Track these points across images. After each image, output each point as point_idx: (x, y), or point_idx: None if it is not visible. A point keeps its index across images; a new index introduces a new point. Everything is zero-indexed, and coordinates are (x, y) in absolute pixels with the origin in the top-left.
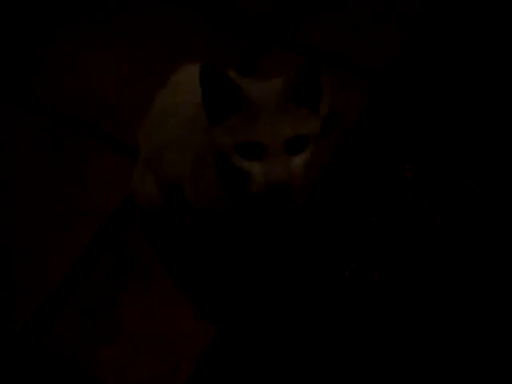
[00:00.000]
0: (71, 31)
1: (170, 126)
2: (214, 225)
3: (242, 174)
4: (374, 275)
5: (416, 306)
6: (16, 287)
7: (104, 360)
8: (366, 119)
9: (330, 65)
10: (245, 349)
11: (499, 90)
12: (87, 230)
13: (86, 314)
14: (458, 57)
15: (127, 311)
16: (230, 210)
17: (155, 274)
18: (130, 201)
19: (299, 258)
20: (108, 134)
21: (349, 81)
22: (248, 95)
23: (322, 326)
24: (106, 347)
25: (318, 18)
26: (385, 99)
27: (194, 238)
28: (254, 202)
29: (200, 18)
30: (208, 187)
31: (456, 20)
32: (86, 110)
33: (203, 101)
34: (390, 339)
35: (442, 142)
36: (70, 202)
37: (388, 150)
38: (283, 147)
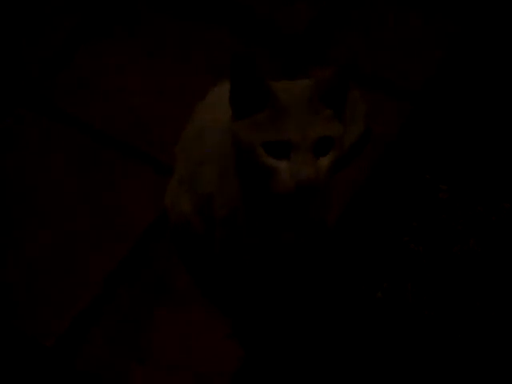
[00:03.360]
0: (108, 47)
1: (207, 142)
2: (234, 238)
3: (267, 173)
4: (406, 296)
5: (450, 329)
6: (48, 303)
7: (135, 380)
8: (401, 138)
9: (365, 85)
10: (275, 370)
11: None
12: (121, 247)
13: (118, 332)
14: (496, 76)
15: (159, 330)
16: (249, 221)
17: (187, 293)
18: (161, 220)
19: (330, 278)
20: (144, 151)
21: (384, 101)
22: (277, 93)
23: (354, 347)
24: (137, 366)
25: (353, 37)
26: (421, 119)
27: (222, 254)
28: (277, 205)
29: (235, 37)
30: (229, 196)
31: (492, 40)
32: (123, 127)
33: (230, 91)
34: (423, 361)
35: (477, 163)
36: (100, 221)
37: (423, 170)
38: (311, 147)
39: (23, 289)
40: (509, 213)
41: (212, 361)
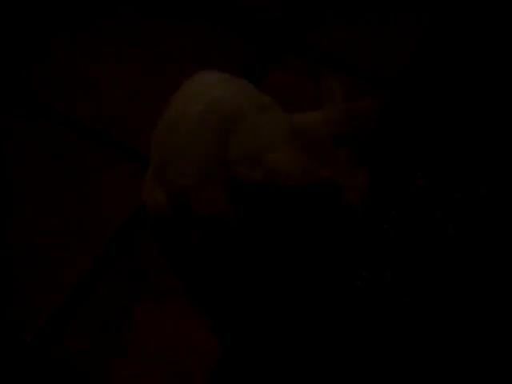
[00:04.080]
0: (86, 36)
1: (179, 135)
2: (219, 235)
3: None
4: (386, 284)
5: (429, 315)
6: (27, 298)
7: (115, 374)
8: (378, 127)
9: (344, 72)
10: (255, 361)
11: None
12: (99, 241)
13: (98, 325)
14: (472, 64)
15: (139, 323)
16: (237, 221)
17: (168, 286)
18: (140, 211)
19: (310, 268)
20: (119, 142)
21: (361, 88)
22: None
23: (334, 335)
24: (118, 359)
25: (330, 24)
26: (398, 107)
27: (201, 248)
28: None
29: (210, 25)
30: (214, 197)
31: (469, 25)
32: (101, 118)
33: None
34: (402, 347)
35: (454, 150)
36: (79, 213)
37: (401, 158)
38: None
39: (1, 281)
40: (486, 199)
41: (192, 354)
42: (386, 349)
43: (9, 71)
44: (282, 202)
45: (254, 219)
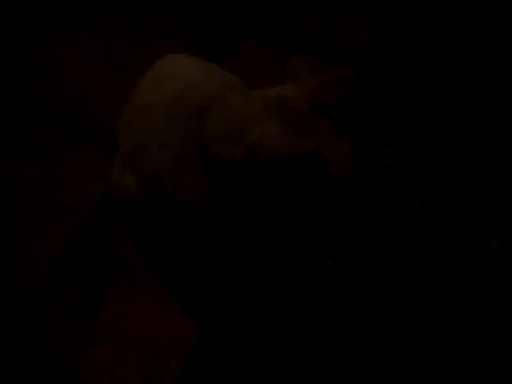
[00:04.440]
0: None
1: (152, 119)
2: (196, 220)
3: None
4: (355, 262)
5: (399, 292)
6: None
7: (91, 361)
8: (344, 104)
9: (304, 49)
10: (231, 344)
11: (474, 71)
12: (66, 227)
13: (70, 314)
14: (434, 38)
15: (112, 310)
16: (217, 204)
17: (139, 272)
18: (109, 195)
19: (281, 250)
20: (85, 127)
21: (325, 64)
22: None
23: (306, 315)
24: (91, 348)
25: (289, 2)
26: (363, 84)
27: (175, 232)
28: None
29: (175, 9)
30: (193, 183)
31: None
32: (60, 103)
33: None
34: (373, 325)
35: (419, 126)
36: (47, 199)
37: (367, 135)
38: None
39: None
40: (451, 174)
41: (169, 337)
42: (357, 326)
43: None
44: (264, 177)
45: (233, 199)
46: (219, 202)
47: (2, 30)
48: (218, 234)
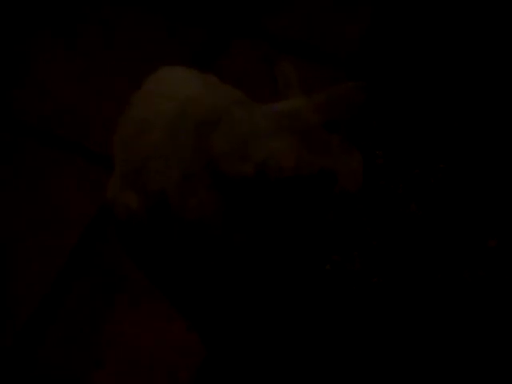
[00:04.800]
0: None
1: (152, 135)
2: (204, 237)
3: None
4: (355, 266)
5: (398, 294)
6: None
7: (97, 381)
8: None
9: (294, 54)
10: (239, 359)
11: (463, 68)
12: (65, 244)
13: (73, 335)
14: (424, 39)
15: (116, 327)
16: (225, 221)
17: (141, 287)
18: (105, 212)
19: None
20: (76, 141)
21: (314, 69)
22: None
23: (309, 324)
24: (96, 370)
25: (277, 7)
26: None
27: (181, 250)
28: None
29: (159, 18)
30: (201, 201)
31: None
32: (48, 118)
33: None
34: (374, 328)
35: (410, 126)
36: (42, 217)
37: (358, 137)
38: None
39: None
40: (445, 173)
41: (175, 354)
42: (358, 330)
43: None
44: (274, 193)
45: (242, 216)
46: (228, 219)
47: None
48: (226, 250)
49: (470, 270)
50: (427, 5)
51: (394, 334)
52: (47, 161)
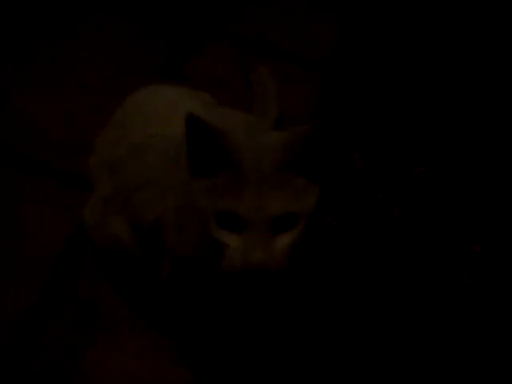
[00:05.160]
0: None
1: (147, 162)
2: (193, 273)
3: (218, 245)
4: (338, 277)
5: (385, 304)
6: None
7: None
8: (314, 111)
9: (270, 57)
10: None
11: (440, 69)
12: (37, 277)
13: (50, 372)
14: (400, 41)
15: (95, 365)
16: (212, 261)
17: (121, 321)
18: (77, 237)
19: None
20: (43, 161)
21: (290, 72)
22: (238, 155)
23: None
24: None
25: (250, 10)
26: (331, 89)
27: (170, 282)
28: (229, 277)
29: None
30: (190, 237)
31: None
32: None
33: (188, 152)
34: (362, 338)
35: (388, 129)
36: (10, 251)
37: (338, 141)
38: (268, 224)
39: None
40: (426, 176)
41: None
42: (346, 346)
43: None
44: None
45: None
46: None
47: None
48: (210, 286)
49: (456, 275)
50: (401, 6)
51: (381, 344)
52: (20, 186)
